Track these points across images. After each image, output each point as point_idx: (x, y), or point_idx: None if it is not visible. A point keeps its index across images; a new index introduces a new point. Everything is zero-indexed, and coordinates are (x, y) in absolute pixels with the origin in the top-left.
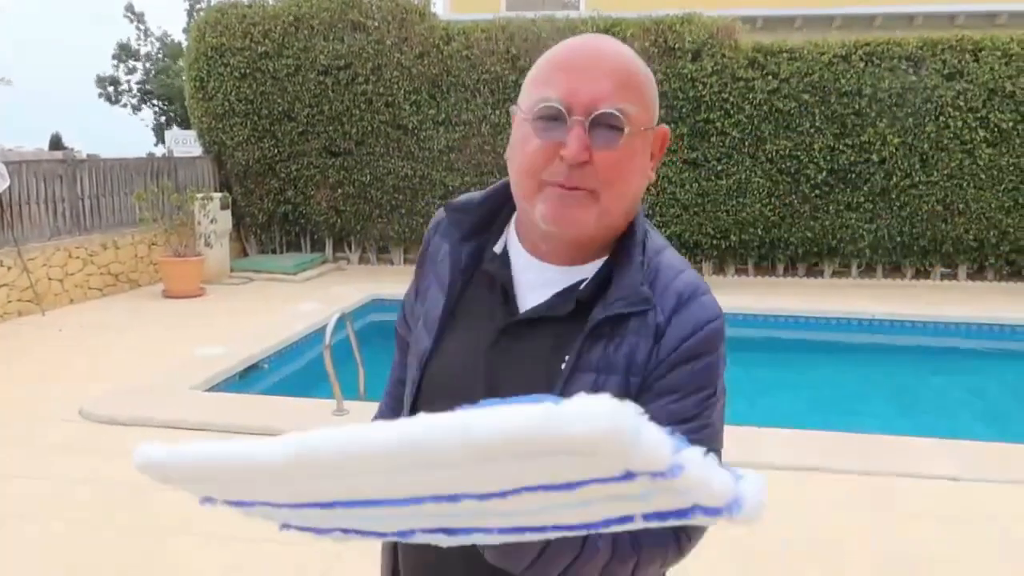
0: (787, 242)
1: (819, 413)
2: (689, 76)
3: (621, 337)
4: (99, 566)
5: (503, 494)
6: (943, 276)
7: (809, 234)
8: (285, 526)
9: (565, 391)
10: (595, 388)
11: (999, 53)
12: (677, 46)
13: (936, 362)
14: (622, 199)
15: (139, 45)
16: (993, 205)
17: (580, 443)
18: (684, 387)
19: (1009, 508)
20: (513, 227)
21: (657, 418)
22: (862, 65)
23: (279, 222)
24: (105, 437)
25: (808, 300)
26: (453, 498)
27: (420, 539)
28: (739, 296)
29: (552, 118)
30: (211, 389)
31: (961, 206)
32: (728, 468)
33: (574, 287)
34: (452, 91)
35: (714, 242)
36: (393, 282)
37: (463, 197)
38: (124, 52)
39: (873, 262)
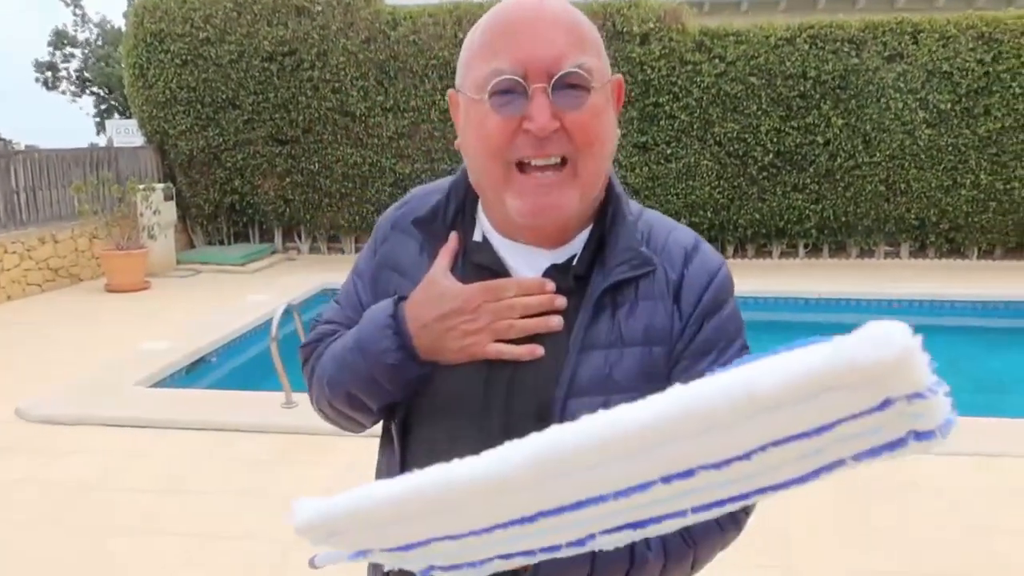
0: (736, 224)
1: None
2: (638, 60)
3: (631, 305)
4: (39, 570)
5: (747, 455)
6: (886, 255)
7: (757, 216)
8: (429, 567)
9: (576, 373)
10: (607, 363)
11: (937, 35)
12: (625, 30)
13: None
14: (601, 162)
15: (76, 31)
16: (933, 185)
17: (880, 372)
18: (718, 342)
19: (941, 482)
20: (483, 215)
21: None
22: (806, 48)
23: (226, 213)
24: (43, 438)
25: (756, 281)
26: (687, 473)
27: (599, 544)
28: None
29: (508, 91)
30: (156, 385)
31: (903, 186)
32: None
33: (567, 263)
34: (400, 77)
35: None
36: (344, 271)
37: (426, 207)
38: (60, 39)
39: (819, 242)
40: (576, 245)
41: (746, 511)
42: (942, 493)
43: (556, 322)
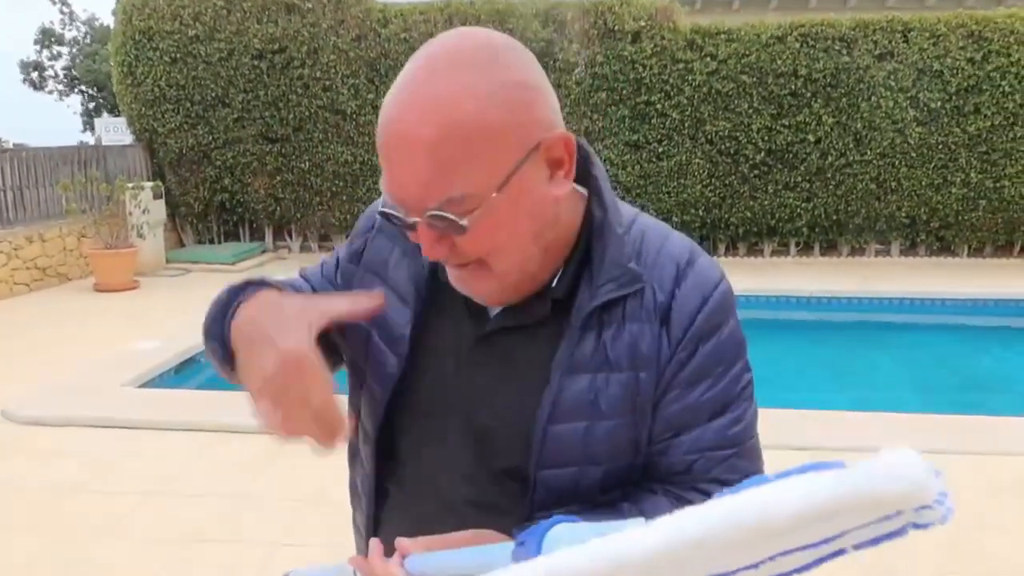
0: (727, 222)
1: (756, 390)
2: (629, 58)
3: (617, 326)
4: (26, 573)
5: (755, 565)
6: (877, 253)
7: (749, 214)
8: None
9: (559, 398)
10: (592, 389)
11: (927, 34)
12: (617, 28)
13: (870, 337)
14: (515, 255)
15: (64, 29)
16: (923, 183)
17: (897, 500)
18: (714, 367)
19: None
20: None
21: (694, 413)
22: (797, 46)
23: (216, 211)
24: (29, 439)
25: (748, 280)
26: (754, 566)
27: None
28: None
29: (399, 219)
30: (144, 385)
31: (893, 184)
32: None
33: (546, 286)
34: (391, 75)
35: None
36: None
37: None
38: (47, 37)
39: (811, 240)
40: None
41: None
42: None
43: (379, 298)
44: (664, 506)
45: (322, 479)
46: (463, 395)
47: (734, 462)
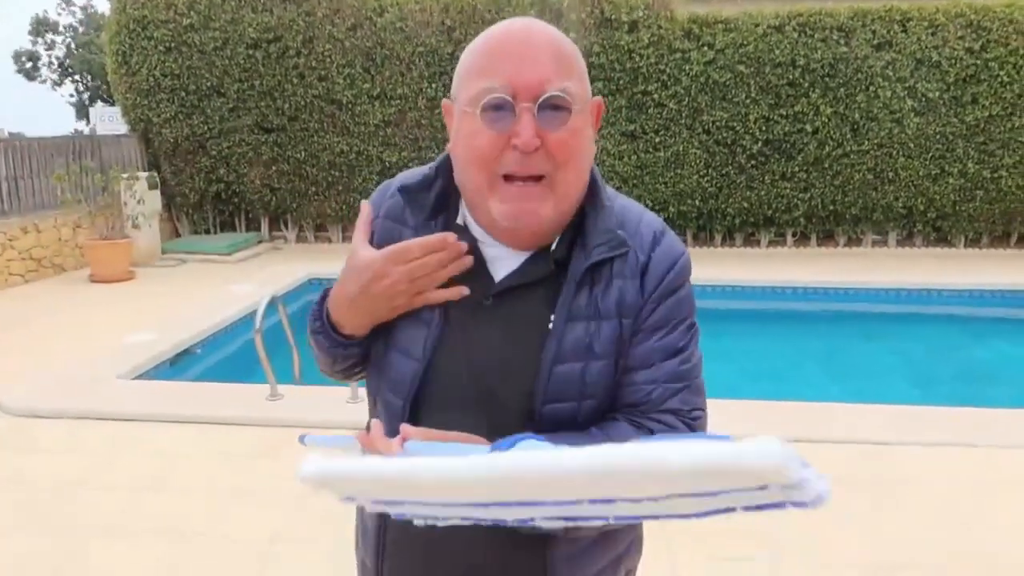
0: (724, 213)
1: (752, 381)
2: (626, 48)
3: (606, 282)
4: (18, 567)
5: (657, 499)
6: (874, 243)
7: (745, 204)
8: (400, 513)
9: (561, 344)
10: (588, 335)
11: (926, 23)
12: (614, 17)
13: (867, 328)
14: (577, 176)
15: (59, 17)
16: (921, 173)
17: (758, 474)
18: (670, 319)
19: (927, 472)
20: (464, 207)
21: (654, 353)
22: (795, 36)
23: (212, 201)
24: (24, 431)
25: (744, 270)
26: (610, 500)
27: (538, 524)
28: None
29: (499, 107)
30: (140, 377)
31: (891, 174)
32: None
33: (545, 250)
34: (387, 64)
35: None
36: (332, 260)
37: (413, 178)
38: (41, 25)
39: (808, 231)
40: (553, 241)
41: None
42: (929, 484)
43: (465, 289)
44: (626, 430)
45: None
46: (476, 346)
47: (685, 396)
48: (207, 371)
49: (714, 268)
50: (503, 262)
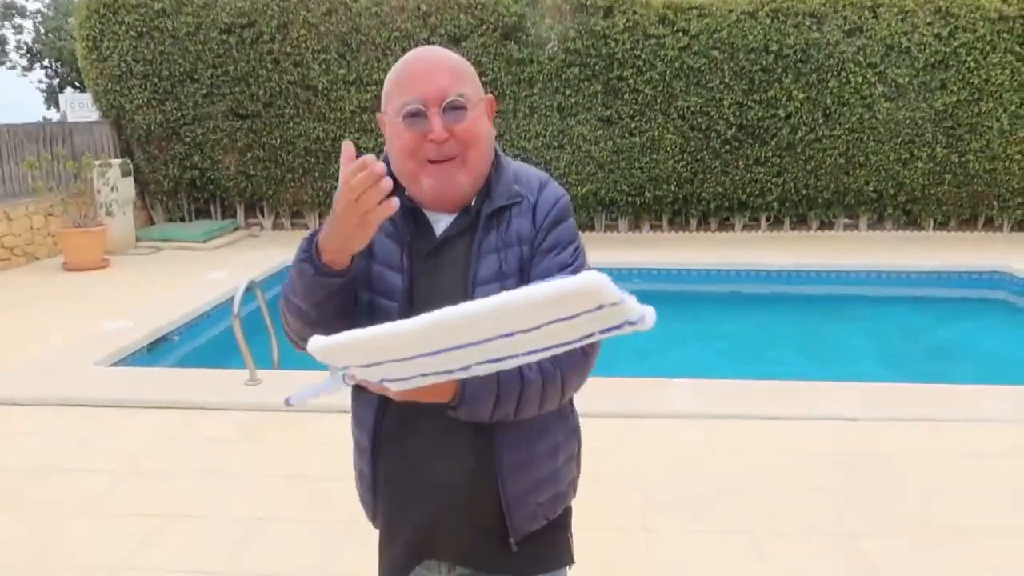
0: (699, 197)
1: (730, 362)
2: (601, 33)
3: (508, 222)
4: None
5: (539, 327)
6: (846, 227)
7: (720, 189)
8: (383, 380)
9: (478, 269)
10: (498, 261)
11: (896, 9)
12: (589, 3)
13: (840, 309)
14: (481, 153)
15: (27, 1)
16: (891, 157)
17: (591, 294)
18: (560, 243)
19: (894, 446)
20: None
21: (550, 268)
22: (768, 22)
23: (186, 189)
24: (2, 419)
25: (719, 254)
26: (510, 334)
27: (475, 371)
28: (654, 251)
29: (415, 114)
30: (117, 364)
31: (862, 159)
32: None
33: (467, 209)
34: (362, 50)
35: (629, 199)
36: None
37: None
38: (9, 9)
39: (781, 215)
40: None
41: (585, 352)
42: (898, 457)
43: (396, 201)
44: None
45: (298, 456)
46: (433, 290)
47: None
48: (184, 358)
49: (690, 252)
50: (441, 223)
